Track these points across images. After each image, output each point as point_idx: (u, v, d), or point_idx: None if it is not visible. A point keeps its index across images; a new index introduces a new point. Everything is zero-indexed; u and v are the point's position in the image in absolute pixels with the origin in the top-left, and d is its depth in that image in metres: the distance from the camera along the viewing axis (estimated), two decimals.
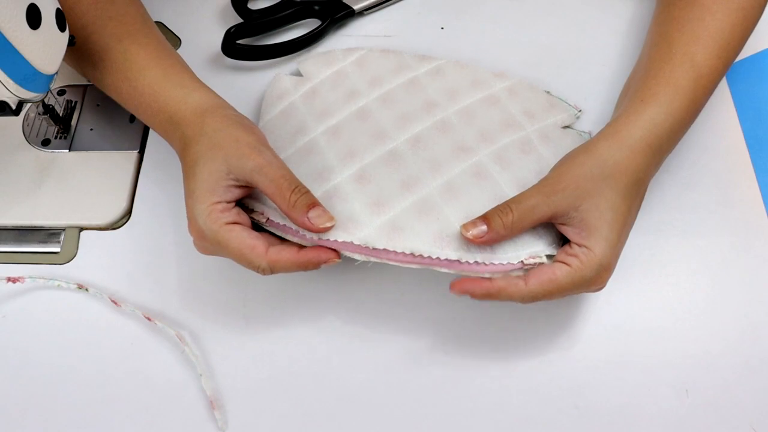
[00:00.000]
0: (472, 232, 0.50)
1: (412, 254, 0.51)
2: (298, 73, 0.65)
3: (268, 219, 0.53)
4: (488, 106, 0.60)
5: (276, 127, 0.61)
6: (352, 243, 0.51)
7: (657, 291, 0.56)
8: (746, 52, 0.65)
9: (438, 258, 0.51)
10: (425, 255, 0.51)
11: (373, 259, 0.52)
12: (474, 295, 0.50)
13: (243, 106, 0.65)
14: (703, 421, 0.52)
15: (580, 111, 0.62)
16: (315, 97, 0.62)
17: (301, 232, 0.52)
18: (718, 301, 0.56)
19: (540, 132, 0.59)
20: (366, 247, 0.51)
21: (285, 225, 0.52)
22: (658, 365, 0.54)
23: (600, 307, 0.56)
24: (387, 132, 0.58)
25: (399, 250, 0.51)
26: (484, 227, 0.50)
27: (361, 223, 0.52)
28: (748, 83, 0.64)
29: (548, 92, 0.63)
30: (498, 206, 0.51)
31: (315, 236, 0.51)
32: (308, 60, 0.65)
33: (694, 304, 0.56)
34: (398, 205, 0.53)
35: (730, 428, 0.52)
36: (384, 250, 0.51)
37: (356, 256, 0.52)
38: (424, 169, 0.55)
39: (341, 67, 0.64)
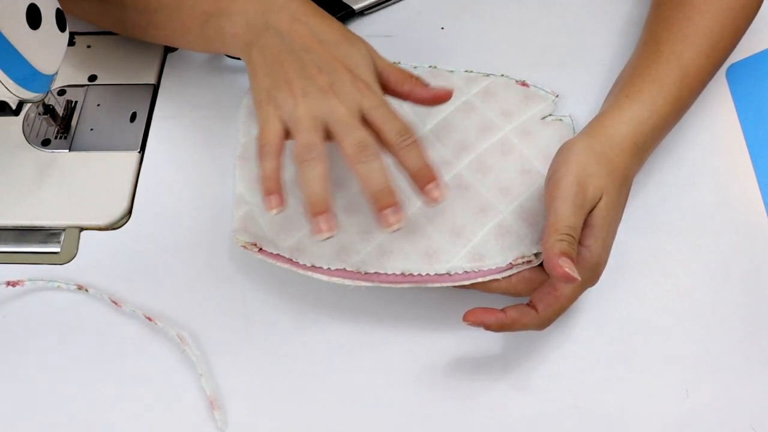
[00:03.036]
0: (569, 278, 0.47)
1: (402, 274, 0.53)
2: None
3: (261, 249, 0.55)
4: (465, 115, 0.61)
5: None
6: (344, 269, 0.53)
7: (657, 291, 0.56)
8: (746, 52, 0.65)
9: (428, 274, 0.53)
10: (415, 273, 0.53)
11: (364, 284, 0.53)
12: (488, 327, 0.50)
13: None
14: (703, 421, 0.52)
15: (556, 96, 0.62)
16: None
17: (294, 259, 0.54)
18: (718, 301, 0.56)
19: (519, 129, 0.60)
20: (358, 272, 0.53)
21: (278, 254, 0.55)
22: (658, 365, 0.54)
23: (600, 308, 0.56)
24: None
25: (390, 272, 0.53)
26: (569, 262, 0.47)
27: (352, 250, 0.54)
28: (748, 83, 0.64)
29: (524, 81, 0.63)
30: (562, 237, 0.47)
31: (308, 263, 0.54)
32: None
33: (694, 304, 0.56)
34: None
35: (730, 428, 0.52)
36: (375, 273, 0.53)
37: (347, 282, 0.53)
38: (407, 191, 0.56)
39: None
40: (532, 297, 0.50)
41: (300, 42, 0.52)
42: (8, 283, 0.58)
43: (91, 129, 0.65)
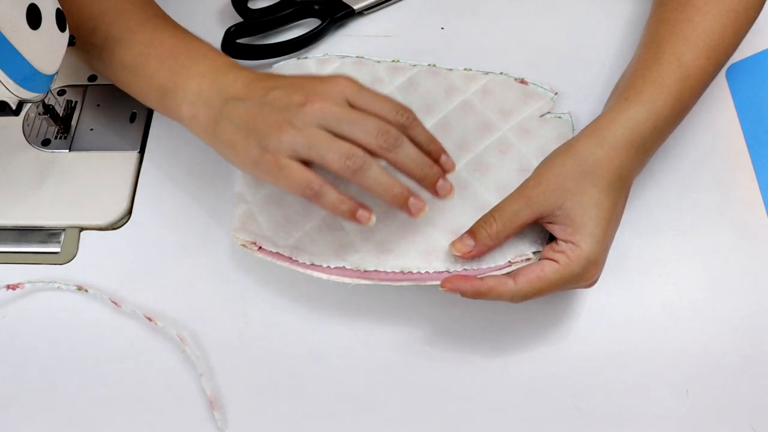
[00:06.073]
0: (460, 249, 0.52)
1: (401, 272, 0.53)
2: None
3: (260, 247, 0.55)
4: (463, 114, 0.61)
5: None
6: (344, 267, 0.54)
7: (657, 291, 0.56)
8: (746, 52, 0.65)
9: (427, 272, 0.53)
10: (414, 271, 0.53)
11: (363, 282, 0.53)
12: (464, 293, 0.50)
13: None
14: (703, 421, 0.52)
15: (555, 94, 0.62)
16: None
17: (294, 258, 0.54)
18: (718, 301, 0.56)
19: (517, 128, 0.60)
20: (357, 270, 0.53)
21: (278, 252, 0.55)
22: (658, 365, 0.54)
23: (600, 307, 0.56)
24: None
25: (389, 270, 0.53)
26: (471, 242, 0.52)
27: (351, 248, 0.54)
28: (748, 83, 0.64)
29: (523, 79, 0.63)
30: (482, 218, 0.52)
31: (308, 261, 0.54)
32: (281, 71, 0.65)
33: (694, 304, 0.56)
34: (385, 228, 0.55)
35: (730, 428, 0.52)
36: (375, 271, 0.53)
37: (347, 280, 0.53)
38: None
39: None
40: (516, 271, 0.51)
41: (261, 93, 0.50)
42: (8, 287, 0.58)
43: (91, 129, 0.65)
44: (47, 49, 0.52)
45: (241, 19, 0.69)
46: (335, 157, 0.48)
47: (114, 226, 0.61)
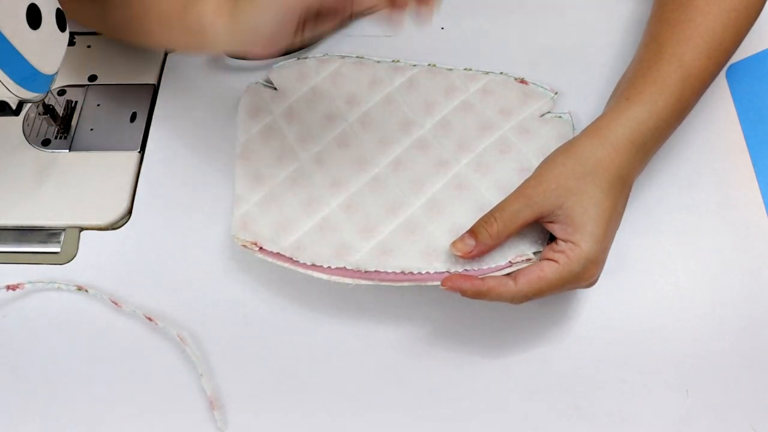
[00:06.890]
0: (461, 249, 0.52)
1: (402, 272, 0.53)
2: (270, 82, 0.65)
3: (261, 248, 0.55)
4: (463, 114, 0.61)
5: (258, 148, 0.61)
6: (345, 268, 0.54)
7: (657, 291, 0.56)
8: (746, 52, 0.65)
9: (428, 272, 0.53)
10: (415, 271, 0.53)
11: (364, 282, 0.53)
12: (464, 293, 0.50)
13: None
14: (703, 421, 0.52)
15: (555, 94, 0.62)
16: (294, 119, 0.62)
17: (294, 258, 0.54)
18: (718, 301, 0.56)
19: (517, 127, 0.60)
20: (358, 271, 0.54)
21: (278, 253, 0.55)
22: (658, 365, 0.54)
23: (600, 308, 0.56)
24: (369, 159, 0.59)
25: (390, 270, 0.53)
26: (471, 242, 0.52)
27: (352, 249, 0.54)
28: (748, 83, 0.64)
29: (523, 79, 0.63)
30: (482, 217, 0.52)
31: (309, 261, 0.54)
32: (281, 71, 0.65)
33: (694, 304, 0.56)
34: (385, 228, 0.55)
35: (730, 428, 0.52)
36: (375, 271, 0.53)
37: (347, 281, 0.53)
38: (407, 191, 0.57)
39: (316, 83, 0.64)
40: (516, 272, 0.51)
41: None
42: (8, 287, 0.58)
43: (91, 129, 0.65)
44: (47, 49, 0.52)
45: None
46: None
47: (114, 226, 0.61)
